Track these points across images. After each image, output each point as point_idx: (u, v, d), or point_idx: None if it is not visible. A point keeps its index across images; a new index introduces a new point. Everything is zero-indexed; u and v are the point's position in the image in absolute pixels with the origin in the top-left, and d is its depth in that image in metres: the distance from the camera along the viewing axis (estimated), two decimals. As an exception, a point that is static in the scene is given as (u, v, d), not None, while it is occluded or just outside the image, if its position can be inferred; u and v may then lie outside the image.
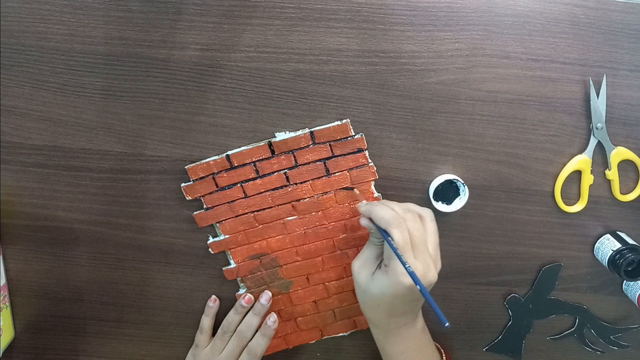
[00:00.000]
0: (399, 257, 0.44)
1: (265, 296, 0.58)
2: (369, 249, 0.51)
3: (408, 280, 0.44)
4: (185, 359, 0.60)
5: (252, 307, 0.59)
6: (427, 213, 0.50)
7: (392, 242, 0.45)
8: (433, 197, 0.55)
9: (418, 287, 0.43)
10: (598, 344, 0.62)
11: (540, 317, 0.61)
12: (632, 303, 0.59)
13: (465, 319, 0.62)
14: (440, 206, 0.55)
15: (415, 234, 0.46)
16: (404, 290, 0.45)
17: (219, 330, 0.58)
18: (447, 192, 0.56)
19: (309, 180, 0.55)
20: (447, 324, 0.38)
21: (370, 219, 0.49)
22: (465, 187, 0.54)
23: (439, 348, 0.58)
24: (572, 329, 0.62)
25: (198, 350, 0.58)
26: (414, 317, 0.51)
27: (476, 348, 0.63)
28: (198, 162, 0.54)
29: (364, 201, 0.55)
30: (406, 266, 0.44)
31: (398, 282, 0.45)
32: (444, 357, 0.57)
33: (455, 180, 0.55)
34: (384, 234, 0.47)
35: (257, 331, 0.58)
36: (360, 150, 0.55)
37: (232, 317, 0.58)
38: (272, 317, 0.59)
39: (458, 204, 0.55)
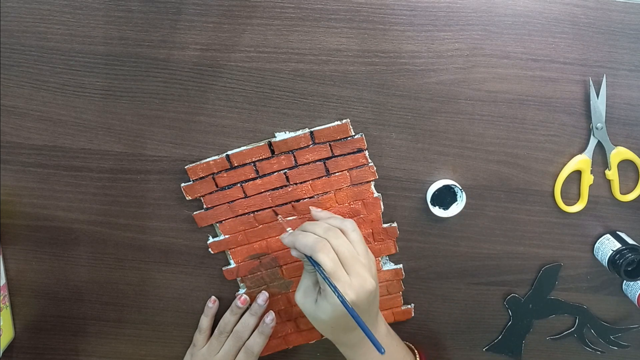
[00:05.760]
0: (328, 281, 0.44)
1: (262, 297, 0.58)
2: (306, 278, 0.50)
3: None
4: (184, 358, 0.60)
5: (248, 308, 0.59)
6: (347, 225, 0.50)
7: (320, 267, 0.45)
8: (430, 201, 0.55)
9: (347, 308, 0.43)
10: (598, 344, 0.62)
11: (540, 317, 0.61)
12: (632, 303, 0.59)
13: (465, 319, 0.62)
14: (438, 211, 0.55)
15: (342, 250, 0.46)
16: (344, 310, 0.45)
17: (216, 331, 0.58)
18: (445, 197, 0.55)
19: (309, 180, 0.55)
20: (383, 351, 0.40)
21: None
22: (463, 192, 0.54)
23: (411, 348, 0.58)
24: (572, 329, 0.62)
25: (195, 349, 0.59)
26: (373, 326, 0.51)
27: (476, 348, 0.64)
28: (198, 162, 0.54)
29: (289, 229, 0.54)
30: (333, 289, 0.44)
31: (337, 304, 0.45)
32: (418, 357, 0.57)
33: (453, 186, 0.54)
34: (312, 260, 0.46)
35: (254, 331, 0.58)
36: (360, 150, 0.55)
37: (228, 317, 0.58)
38: (270, 316, 0.59)
39: (455, 209, 0.55)
